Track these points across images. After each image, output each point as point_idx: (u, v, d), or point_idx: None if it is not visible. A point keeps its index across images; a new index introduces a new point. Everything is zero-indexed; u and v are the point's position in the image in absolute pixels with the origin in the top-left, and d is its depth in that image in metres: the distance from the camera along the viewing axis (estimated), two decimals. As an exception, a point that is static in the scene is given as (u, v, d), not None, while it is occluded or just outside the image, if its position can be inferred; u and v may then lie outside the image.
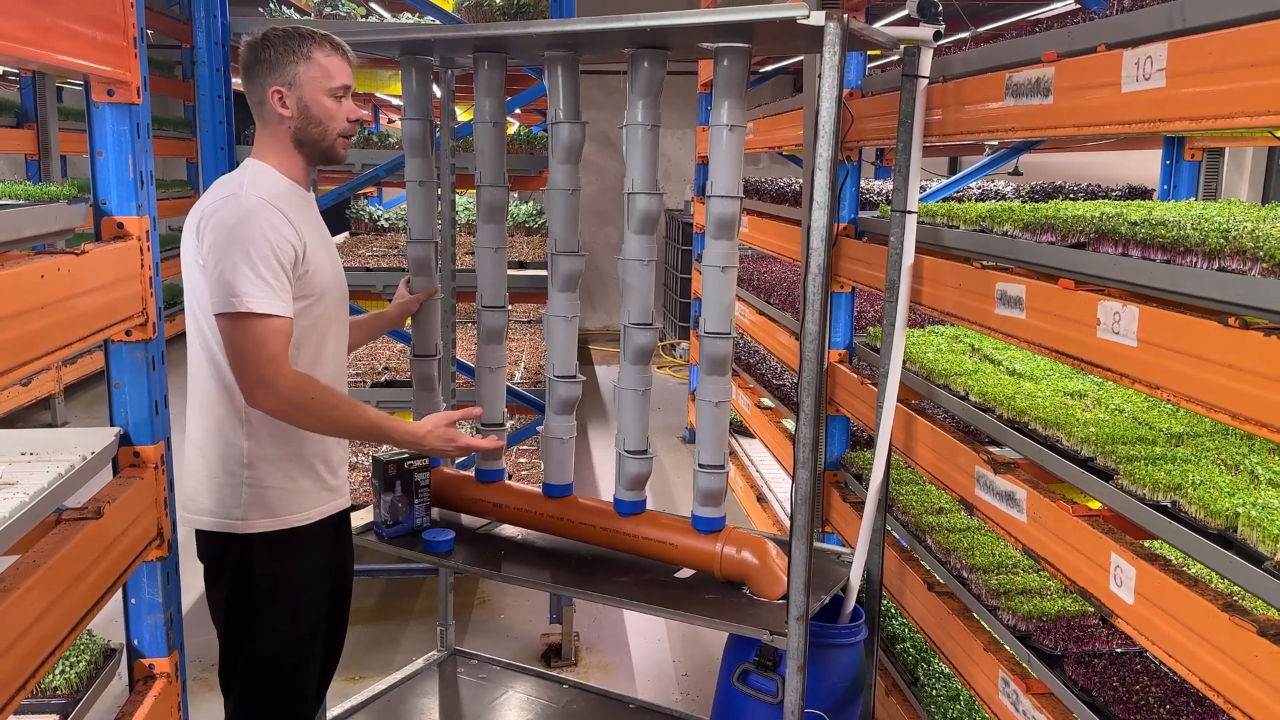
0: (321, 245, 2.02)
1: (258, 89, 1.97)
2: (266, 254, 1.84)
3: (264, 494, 1.97)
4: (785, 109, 4.59)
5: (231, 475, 1.97)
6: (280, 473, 1.98)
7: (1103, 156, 5.47)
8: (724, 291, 2.34)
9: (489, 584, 4.17)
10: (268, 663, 2.02)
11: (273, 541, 1.98)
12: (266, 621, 2.00)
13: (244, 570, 1.99)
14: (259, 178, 1.95)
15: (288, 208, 1.92)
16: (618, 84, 9.28)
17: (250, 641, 2.02)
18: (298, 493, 2.01)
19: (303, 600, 2.04)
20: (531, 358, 5.19)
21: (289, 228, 1.89)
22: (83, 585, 1.85)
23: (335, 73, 1.98)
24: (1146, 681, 1.93)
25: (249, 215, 1.86)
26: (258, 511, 1.97)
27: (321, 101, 1.97)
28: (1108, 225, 1.85)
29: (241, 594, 2.00)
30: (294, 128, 1.97)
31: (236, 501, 1.97)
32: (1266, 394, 1.40)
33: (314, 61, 1.95)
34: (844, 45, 1.96)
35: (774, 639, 2.14)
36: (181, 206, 8.49)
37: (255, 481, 1.97)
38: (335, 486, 2.11)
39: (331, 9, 4.23)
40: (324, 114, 1.98)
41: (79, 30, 1.82)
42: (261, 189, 1.92)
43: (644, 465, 2.48)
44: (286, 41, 1.94)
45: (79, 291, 1.83)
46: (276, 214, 1.89)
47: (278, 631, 2.01)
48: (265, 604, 2.00)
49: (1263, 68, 1.40)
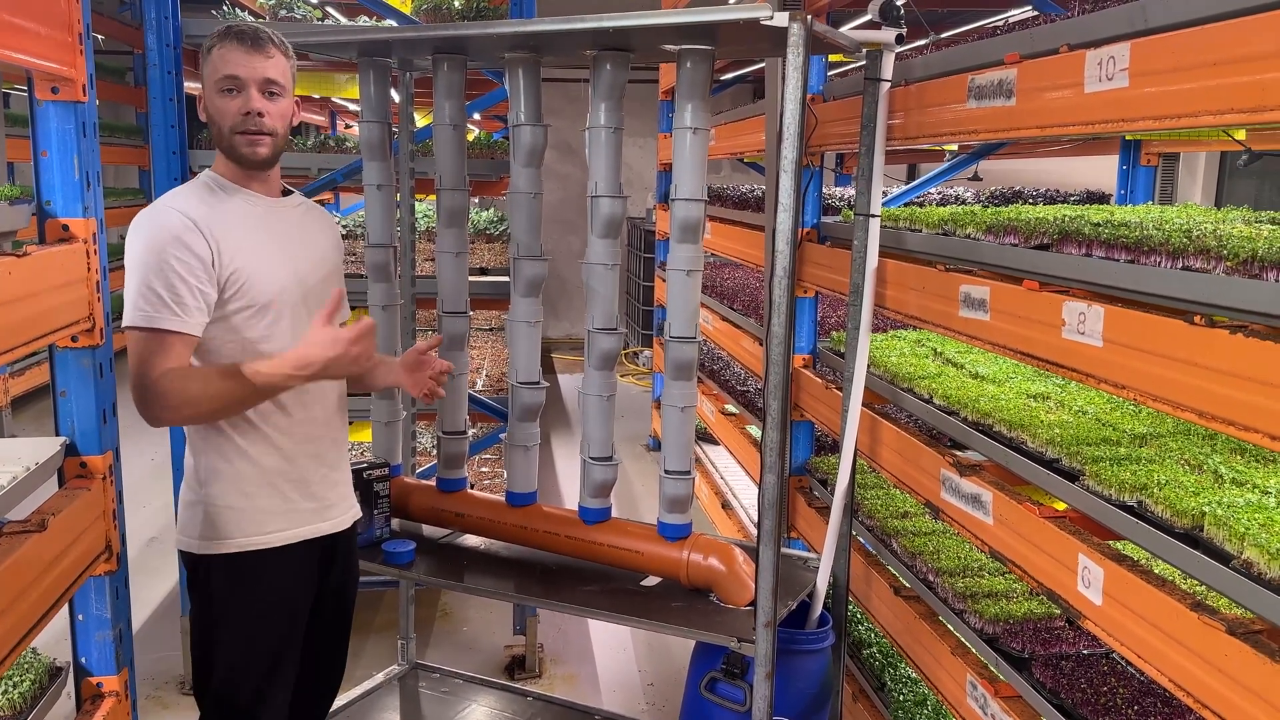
0: (262, 248, 1.88)
1: None
2: (167, 266, 1.75)
3: (218, 514, 1.89)
4: (747, 115, 4.59)
5: (191, 493, 1.92)
6: (235, 491, 1.90)
7: (1059, 163, 5.55)
8: (689, 296, 2.32)
9: (451, 596, 4.11)
10: (223, 690, 1.94)
11: (232, 564, 1.90)
12: (223, 647, 1.93)
13: (205, 592, 1.92)
14: (185, 191, 1.88)
15: (207, 216, 1.82)
16: (579, 92, 9.27)
17: (211, 664, 1.94)
18: (255, 513, 1.91)
19: (261, 627, 1.94)
20: (493, 365, 5.14)
21: (195, 236, 1.78)
22: (25, 601, 1.77)
23: (221, 64, 1.84)
24: (1114, 682, 1.93)
25: (150, 226, 1.80)
26: (213, 532, 1.89)
27: (214, 100, 1.86)
28: (1071, 227, 1.85)
29: (203, 615, 1.94)
30: (213, 131, 1.89)
31: (195, 521, 1.90)
32: (1233, 392, 1.40)
33: (210, 59, 1.85)
34: (808, 47, 1.95)
35: (742, 646, 2.12)
36: (133, 215, 8.33)
37: (209, 500, 1.90)
38: (313, 509, 1.98)
39: (286, 11, 4.16)
40: (215, 112, 1.86)
41: (20, 24, 1.75)
42: (185, 196, 1.85)
43: (609, 472, 2.45)
44: (206, 44, 1.86)
45: (21, 295, 1.76)
46: (185, 222, 1.79)
47: (232, 658, 1.93)
48: (221, 628, 1.92)
49: (1226, 66, 1.41)
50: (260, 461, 1.91)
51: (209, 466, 1.90)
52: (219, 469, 1.90)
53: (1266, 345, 1.36)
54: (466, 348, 2.76)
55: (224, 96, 1.84)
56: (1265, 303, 1.36)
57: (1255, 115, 1.36)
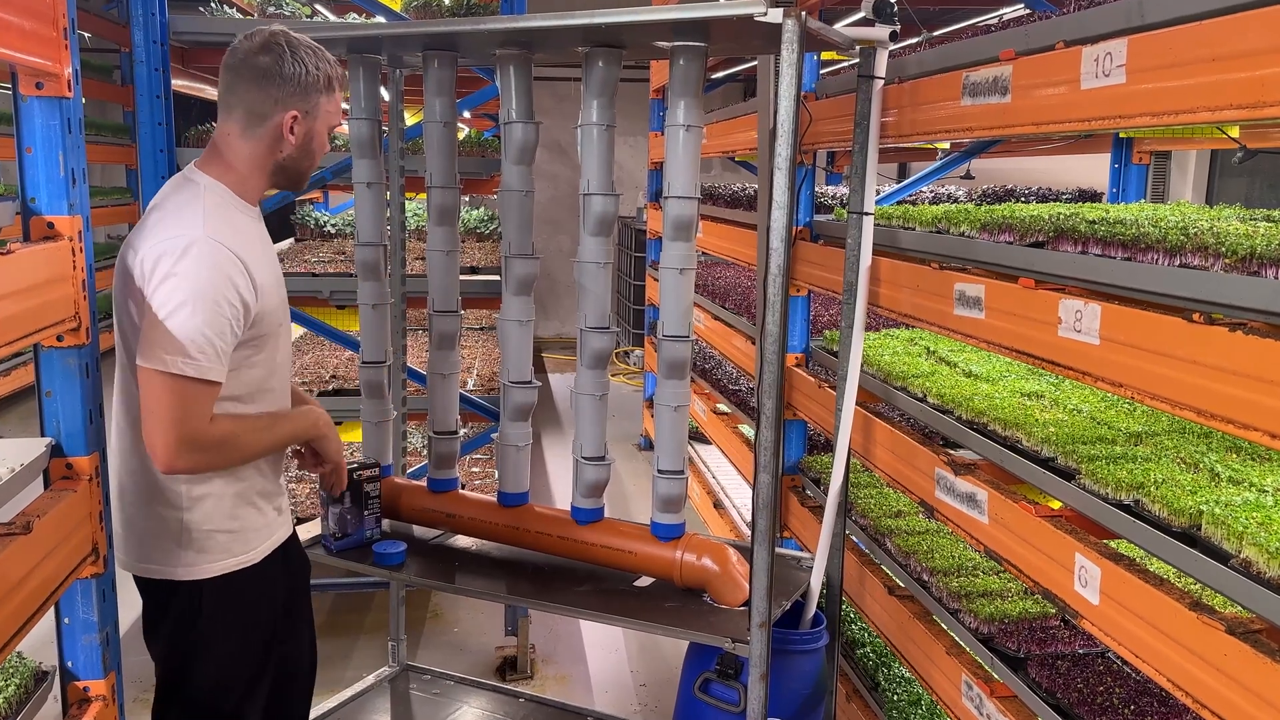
0: (270, 277, 1.87)
1: (267, 102, 1.78)
2: (222, 315, 1.71)
3: (207, 538, 1.85)
4: (739, 113, 4.58)
5: (168, 521, 1.84)
6: (222, 514, 1.86)
7: (1051, 162, 5.55)
8: (682, 294, 2.30)
9: (442, 597, 4.09)
10: (206, 705, 1.92)
11: (224, 584, 1.88)
12: (207, 665, 1.90)
13: (188, 616, 1.88)
14: (216, 213, 1.77)
15: (245, 249, 1.76)
16: (568, 90, 9.24)
17: (190, 683, 1.91)
18: (244, 533, 1.90)
19: (250, 638, 1.93)
20: (484, 365, 5.11)
21: (245, 279, 1.74)
22: (10, 605, 1.74)
23: (339, 112, 1.87)
24: (1110, 682, 1.92)
25: (213, 268, 1.70)
26: (203, 556, 1.86)
27: (323, 136, 1.86)
28: (1066, 224, 1.84)
29: (183, 638, 1.89)
30: (287, 155, 1.83)
31: (177, 548, 1.85)
32: (1233, 390, 1.40)
33: (334, 95, 1.83)
34: (802, 44, 1.94)
35: (736, 647, 2.11)
36: (121, 214, 8.25)
37: (194, 524, 1.85)
38: (279, 518, 2.00)
39: (275, 8, 4.12)
40: (320, 148, 1.87)
41: (3, 18, 1.72)
42: (222, 230, 1.75)
43: (602, 472, 2.43)
44: (317, 65, 1.80)
45: (4, 293, 1.73)
46: (237, 264, 1.73)
47: (219, 673, 1.91)
48: (207, 647, 1.89)
49: (1224, 62, 1.40)
50: (244, 483, 1.89)
51: (189, 492, 1.84)
52: (216, 492, 1.85)
53: (1266, 343, 1.35)
54: (457, 347, 2.74)
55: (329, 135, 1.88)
56: (1264, 300, 1.36)
57: (1254, 111, 1.35)
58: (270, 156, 1.84)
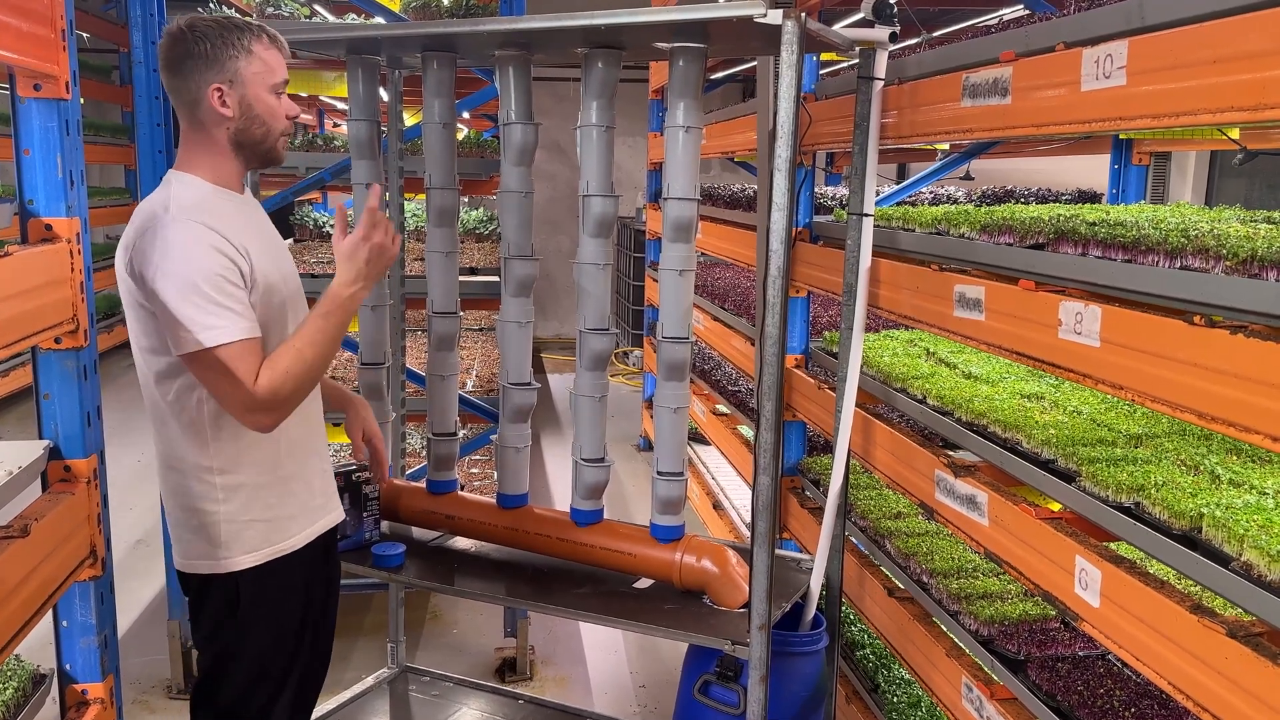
0: (265, 250, 1.87)
1: (191, 86, 1.80)
2: (213, 278, 1.70)
3: (243, 529, 1.85)
4: (738, 114, 4.57)
5: (206, 514, 1.84)
6: (260, 504, 1.87)
7: (1050, 162, 5.55)
8: (682, 295, 2.30)
9: (441, 598, 4.08)
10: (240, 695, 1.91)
11: (260, 573, 1.87)
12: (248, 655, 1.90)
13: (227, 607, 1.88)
14: (182, 195, 1.79)
15: (219, 221, 1.77)
16: (566, 91, 9.23)
17: (228, 675, 1.91)
18: (279, 521, 1.89)
19: (283, 628, 1.93)
20: (484, 366, 5.10)
21: (225, 243, 1.74)
22: (8, 608, 1.74)
23: (276, 67, 1.85)
24: (1111, 685, 1.92)
25: (184, 244, 1.71)
26: (239, 547, 1.85)
27: (265, 99, 1.83)
28: (1066, 226, 1.84)
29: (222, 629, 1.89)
30: (235, 129, 1.83)
31: (215, 540, 1.84)
32: (1234, 392, 1.39)
33: (255, 55, 1.81)
34: (802, 45, 1.94)
35: (736, 649, 2.10)
36: (119, 214, 8.26)
37: (232, 517, 1.84)
38: (320, 504, 2.00)
39: (273, 8, 4.12)
40: (267, 112, 1.84)
41: (1, 20, 1.72)
42: (188, 209, 1.76)
43: (601, 473, 2.42)
44: (222, 34, 1.80)
45: (2, 296, 1.73)
46: (209, 233, 1.73)
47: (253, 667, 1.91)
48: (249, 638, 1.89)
49: (1225, 64, 1.40)
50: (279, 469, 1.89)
51: (222, 484, 1.84)
52: (250, 481, 1.85)
53: (1267, 345, 1.35)
54: (456, 348, 2.74)
55: (277, 98, 1.84)
56: (1266, 302, 1.35)
57: (1255, 113, 1.35)
58: (222, 135, 1.83)
